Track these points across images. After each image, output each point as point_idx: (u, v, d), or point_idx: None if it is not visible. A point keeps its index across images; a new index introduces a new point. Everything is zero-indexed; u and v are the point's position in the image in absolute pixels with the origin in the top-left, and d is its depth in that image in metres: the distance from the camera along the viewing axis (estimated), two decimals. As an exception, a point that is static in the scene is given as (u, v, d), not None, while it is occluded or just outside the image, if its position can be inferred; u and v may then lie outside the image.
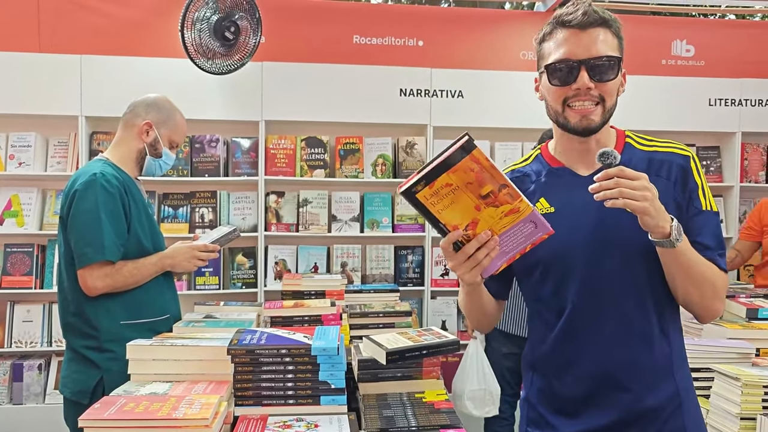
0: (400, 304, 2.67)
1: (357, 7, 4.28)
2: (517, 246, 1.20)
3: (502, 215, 1.16)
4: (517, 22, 4.31)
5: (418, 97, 3.88)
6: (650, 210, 1.15)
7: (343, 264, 3.91)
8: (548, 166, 1.42)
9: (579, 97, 1.28)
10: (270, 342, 1.46)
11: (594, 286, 1.32)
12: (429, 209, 1.15)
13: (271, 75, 3.80)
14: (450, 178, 1.12)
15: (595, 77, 1.27)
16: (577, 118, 1.30)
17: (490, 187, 1.14)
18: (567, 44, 1.28)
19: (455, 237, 1.17)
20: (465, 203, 1.15)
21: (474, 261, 1.19)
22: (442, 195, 1.14)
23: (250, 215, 3.89)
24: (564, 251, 1.34)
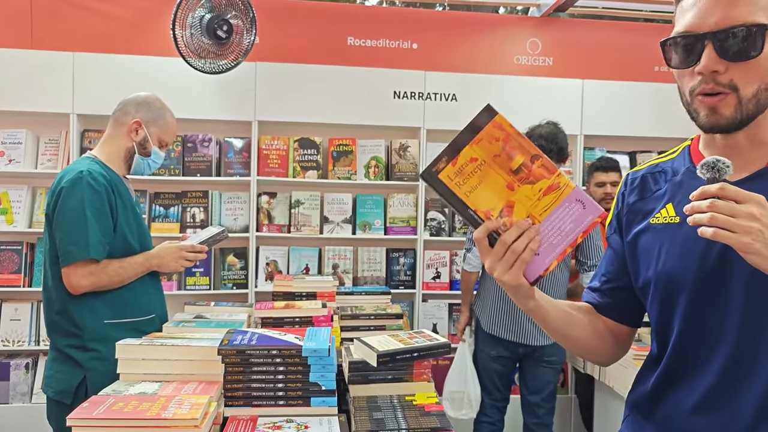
0: (392, 307, 2.67)
1: (352, 9, 4.28)
2: (566, 235, 1.00)
3: (541, 194, 0.99)
4: (512, 26, 4.33)
5: (411, 99, 3.89)
6: (754, 247, 0.85)
7: (335, 266, 3.90)
8: (690, 163, 1.09)
9: (704, 86, 0.96)
10: (261, 342, 1.45)
11: (704, 328, 1.02)
12: (455, 192, 0.99)
13: (264, 75, 3.79)
14: (474, 151, 0.99)
15: (725, 55, 0.94)
16: (704, 110, 0.98)
17: (521, 158, 0.98)
18: (694, 8, 0.96)
19: (493, 226, 0.98)
20: (495, 181, 0.99)
21: (513, 254, 0.96)
22: (468, 173, 0.99)
23: (241, 216, 3.88)
24: (673, 275, 1.04)
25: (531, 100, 3.86)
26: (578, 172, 3.97)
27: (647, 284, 1.10)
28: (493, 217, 0.98)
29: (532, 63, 4.23)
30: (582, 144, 3.99)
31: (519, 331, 2.95)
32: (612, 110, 3.96)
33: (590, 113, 3.95)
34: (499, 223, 0.98)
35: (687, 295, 1.03)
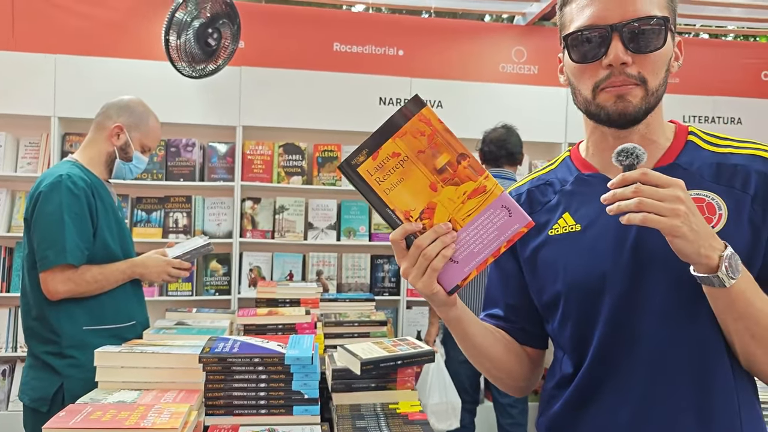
0: (376, 314, 2.66)
1: (338, 15, 4.27)
2: (489, 243, 0.92)
3: (465, 197, 0.91)
4: (497, 34, 4.35)
5: (397, 106, 3.88)
6: (682, 230, 0.82)
7: (319, 272, 3.88)
8: (577, 171, 1.08)
9: (613, 78, 0.95)
10: (243, 350, 1.43)
11: (625, 335, 0.97)
12: (373, 188, 0.91)
13: (249, 80, 3.77)
14: (397, 145, 0.91)
15: (633, 47, 0.93)
16: (611, 99, 0.95)
17: (446, 156, 0.91)
18: (594, 4, 0.95)
19: (411, 229, 0.91)
20: (418, 180, 0.91)
21: (425, 259, 0.89)
22: (389, 169, 0.91)
23: (225, 221, 3.85)
24: (586, 284, 0.99)
25: (516, 107, 3.88)
26: (562, 179, 3.98)
27: (556, 298, 1.04)
28: (412, 218, 0.91)
29: (518, 71, 4.25)
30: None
31: None
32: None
33: (575, 122, 3.97)
34: (417, 226, 0.91)
35: (605, 302, 0.98)
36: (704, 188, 0.97)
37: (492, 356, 1.09)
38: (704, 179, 0.98)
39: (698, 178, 0.98)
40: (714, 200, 0.96)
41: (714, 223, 0.94)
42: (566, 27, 1.01)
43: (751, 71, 4.51)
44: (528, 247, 1.09)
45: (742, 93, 4.31)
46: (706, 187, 0.97)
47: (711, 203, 0.96)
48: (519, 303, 1.13)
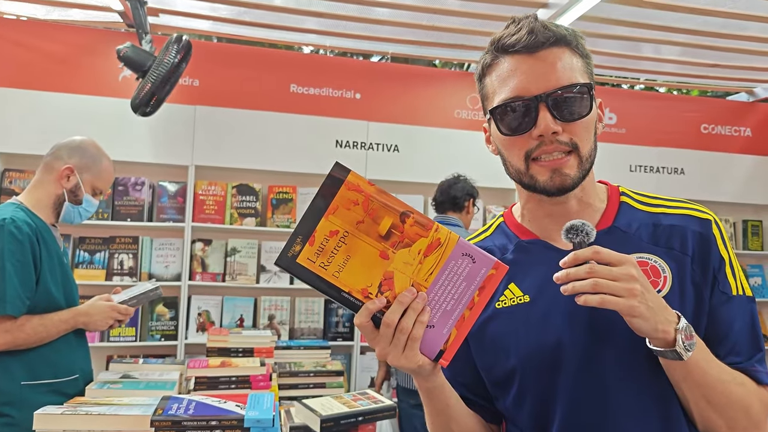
0: (332, 363, 2.59)
1: (295, 57, 4.27)
2: (460, 297, 0.85)
3: (421, 256, 0.84)
4: (452, 80, 4.42)
5: (354, 149, 3.88)
6: (640, 309, 0.82)
7: (271, 317, 3.77)
8: (516, 238, 1.05)
9: (544, 147, 0.93)
10: (199, 412, 1.34)
11: (586, 406, 0.94)
12: (320, 275, 0.83)
13: (203, 119, 3.70)
14: (332, 222, 0.83)
15: (561, 116, 0.92)
16: (546, 174, 0.94)
17: (388, 219, 0.83)
18: (516, 76, 0.94)
19: (375, 307, 0.82)
20: (366, 253, 0.83)
21: (402, 334, 0.82)
22: (330, 250, 0.83)
23: (173, 263, 3.71)
24: (543, 357, 0.95)
25: (471, 153, 3.91)
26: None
27: (510, 374, 0.99)
28: (372, 295, 0.83)
29: (472, 117, 4.33)
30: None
31: None
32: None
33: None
34: (381, 302, 0.82)
35: (564, 375, 0.94)
36: (645, 251, 0.96)
37: (468, 428, 1.01)
38: (643, 241, 0.97)
39: (637, 240, 0.97)
40: (657, 263, 0.95)
41: (660, 287, 0.94)
42: (489, 99, 0.99)
43: (692, 124, 4.73)
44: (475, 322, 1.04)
45: (684, 145, 4.49)
46: (647, 250, 0.96)
47: (655, 266, 0.95)
48: (471, 380, 1.07)
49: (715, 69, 4.34)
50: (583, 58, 0.97)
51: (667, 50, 4.00)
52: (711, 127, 4.76)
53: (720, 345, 0.94)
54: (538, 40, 0.93)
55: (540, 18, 0.97)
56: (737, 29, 3.59)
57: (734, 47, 3.87)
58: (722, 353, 0.94)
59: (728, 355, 0.94)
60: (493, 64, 0.98)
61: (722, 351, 0.94)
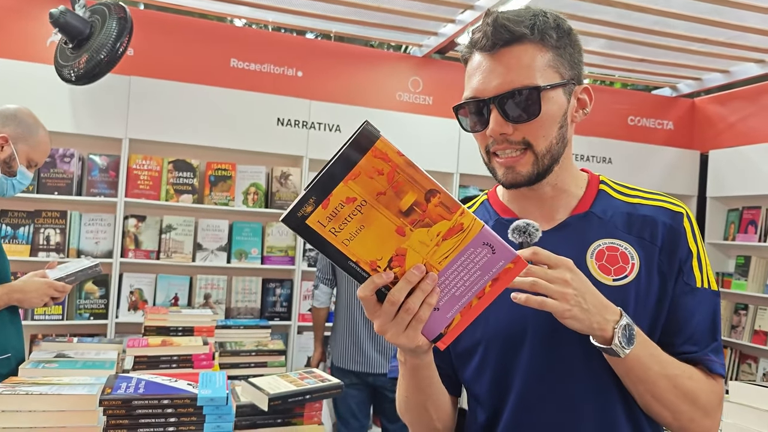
0: (273, 342, 2.58)
1: (236, 31, 4.17)
2: (471, 285, 0.81)
3: (439, 239, 0.79)
4: (395, 63, 4.43)
5: (295, 127, 3.83)
6: (572, 312, 0.86)
7: (207, 296, 3.70)
8: (496, 215, 1.08)
9: (497, 145, 0.98)
10: (150, 391, 1.32)
11: (544, 383, 0.97)
12: (329, 240, 0.78)
13: (138, 91, 3.55)
14: (351, 188, 0.76)
15: (511, 118, 0.95)
16: (502, 169, 0.99)
17: (412, 195, 0.77)
18: (476, 75, 0.98)
19: (381, 281, 0.78)
20: (382, 226, 0.78)
21: (407, 314, 0.79)
22: (344, 216, 0.77)
23: (104, 239, 3.57)
24: (507, 332, 0.99)
25: (411, 136, 3.96)
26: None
27: (474, 347, 1.02)
28: (380, 268, 0.79)
29: (413, 101, 4.36)
30: (458, 182, 4.15)
31: (366, 362, 2.97)
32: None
33: (466, 153, 4.13)
34: (388, 276, 0.79)
35: (525, 352, 0.98)
36: (618, 237, 1.00)
37: (439, 403, 1.03)
38: (617, 228, 1.01)
39: (612, 227, 1.01)
40: (627, 250, 0.99)
41: (627, 272, 0.98)
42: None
43: (620, 115, 4.94)
44: None
45: (612, 135, 4.69)
46: (620, 237, 1.00)
47: (624, 252, 0.99)
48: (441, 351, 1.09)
49: (642, 63, 4.55)
50: (555, 50, 0.97)
51: (596, 43, 4.15)
52: (637, 119, 4.99)
53: (677, 334, 0.98)
54: (498, 39, 0.95)
55: (508, 9, 0.98)
56: (665, 26, 3.77)
57: (661, 43, 4.06)
58: (678, 342, 0.97)
59: (684, 345, 0.97)
60: (468, 58, 1.01)
61: (679, 340, 0.97)
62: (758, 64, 4.42)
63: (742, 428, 1.72)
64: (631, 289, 0.96)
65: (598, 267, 0.98)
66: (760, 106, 4.60)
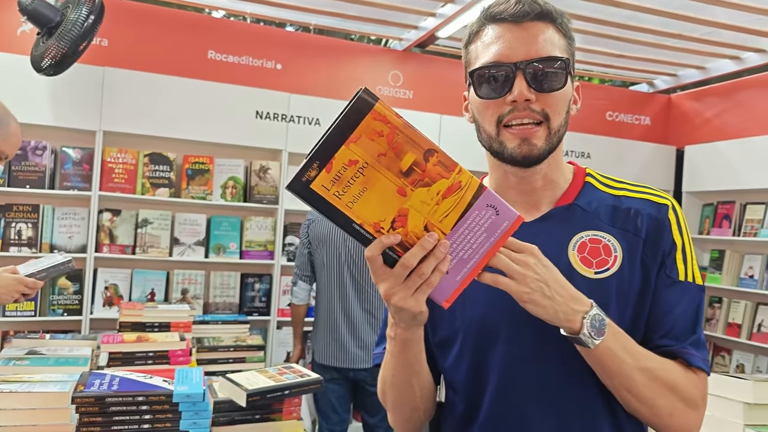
0: (252, 338, 2.55)
1: (214, 22, 4.11)
2: (479, 247, 0.83)
3: (440, 198, 0.81)
4: (375, 57, 4.41)
5: (274, 121, 3.79)
6: (532, 296, 0.85)
7: (184, 291, 3.66)
8: None
9: (517, 113, 0.95)
10: (124, 388, 1.29)
11: (519, 370, 0.97)
12: (334, 204, 0.80)
13: (113, 82, 3.48)
14: (353, 151, 0.79)
15: (536, 86, 0.94)
16: (515, 141, 0.96)
17: (411, 156, 0.80)
18: (499, 42, 0.96)
19: (389, 242, 0.81)
20: (383, 187, 0.80)
21: (419, 278, 0.81)
22: (347, 179, 0.80)
23: (78, 234, 3.50)
24: (484, 323, 0.99)
25: (391, 130, 3.94)
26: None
27: (453, 335, 1.01)
28: (384, 229, 0.81)
29: (394, 95, 4.34)
30: (437, 176, 4.15)
31: (346, 357, 2.95)
32: (467, 146, 4.16)
33: (446, 147, 4.09)
34: (395, 238, 0.81)
35: (503, 340, 0.97)
36: (601, 229, 1.00)
37: (422, 382, 1.02)
38: (601, 221, 1.00)
39: (596, 219, 1.00)
40: (610, 242, 0.99)
41: (610, 265, 0.97)
42: (471, 64, 1.01)
43: (598, 111, 4.98)
44: None
45: (590, 130, 4.72)
46: (603, 229, 1.00)
47: (607, 245, 0.98)
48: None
49: (620, 59, 4.58)
50: (566, 38, 0.99)
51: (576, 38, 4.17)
52: (615, 114, 5.04)
53: (656, 327, 0.97)
54: (524, 11, 0.96)
55: None
56: (641, 22, 3.80)
57: (637, 39, 4.09)
58: (657, 336, 0.97)
59: (663, 338, 0.96)
60: (480, 31, 1.00)
61: (657, 334, 0.97)
62: (733, 61, 4.48)
63: (716, 419, 1.74)
64: (613, 282, 0.96)
65: (579, 259, 0.97)
66: (735, 103, 4.67)
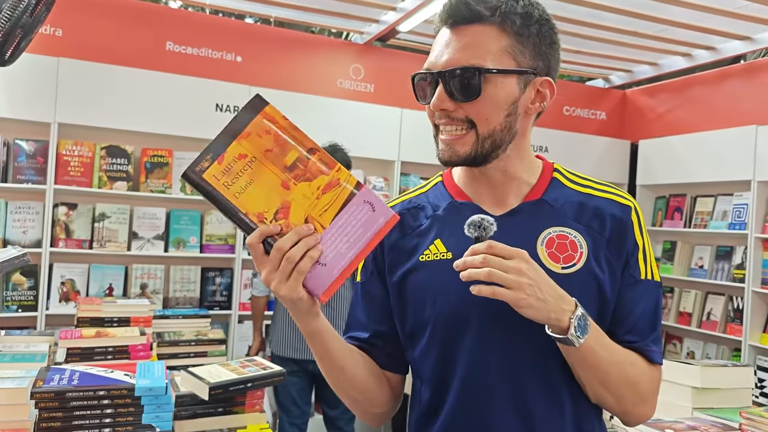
0: (213, 332, 2.54)
1: (172, 13, 4.05)
2: (355, 241, 0.89)
3: (320, 192, 0.89)
4: (336, 50, 4.41)
5: (235, 113, 3.75)
6: (528, 301, 0.88)
7: (143, 285, 3.61)
8: (450, 198, 1.08)
9: (440, 120, 0.99)
10: (84, 382, 1.28)
11: (486, 363, 0.98)
12: (222, 193, 0.87)
13: (68, 73, 3.40)
14: (243, 146, 0.87)
15: (454, 95, 0.96)
16: (442, 145, 1.01)
17: (295, 153, 0.88)
18: (434, 48, 1.00)
19: (268, 231, 0.87)
20: (269, 180, 0.88)
21: (289, 263, 0.85)
22: (236, 172, 0.87)
23: (32, 228, 3.42)
24: (453, 314, 1.00)
25: (352, 123, 3.96)
26: (395, 194, 4.14)
27: (422, 325, 1.02)
28: (267, 220, 0.88)
29: (355, 88, 4.35)
30: (399, 169, 4.18)
31: (305, 348, 2.95)
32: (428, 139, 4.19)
33: (407, 141, 4.16)
34: (275, 228, 0.87)
35: (471, 333, 0.98)
36: (568, 226, 1.01)
37: (353, 377, 1.04)
38: (568, 217, 1.02)
39: (563, 215, 1.02)
40: (576, 238, 1.01)
41: (576, 260, 0.99)
42: None
43: (556, 105, 5.08)
44: (397, 271, 1.06)
45: (548, 124, 4.81)
46: (570, 225, 1.01)
47: (574, 241, 1.00)
48: (386, 329, 1.09)
49: (577, 55, 4.68)
50: (516, 36, 0.97)
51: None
52: (572, 109, 5.15)
53: (621, 324, 1.01)
54: (457, 15, 0.96)
55: None
56: (598, 19, 3.89)
57: (594, 36, 4.19)
58: (622, 332, 1.01)
59: (627, 334, 1.01)
60: (438, 30, 1.02)
61: (622, 330, 1.01)
62: (685, 58, 4.63)
63: (667, 403, 1.82)
64: (579, 277, 0.98)
65: (547, 255, 0.99)
66: (686, 99, 4.83)
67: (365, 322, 1.11)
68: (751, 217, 3.93)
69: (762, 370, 3.84)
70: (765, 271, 3.90)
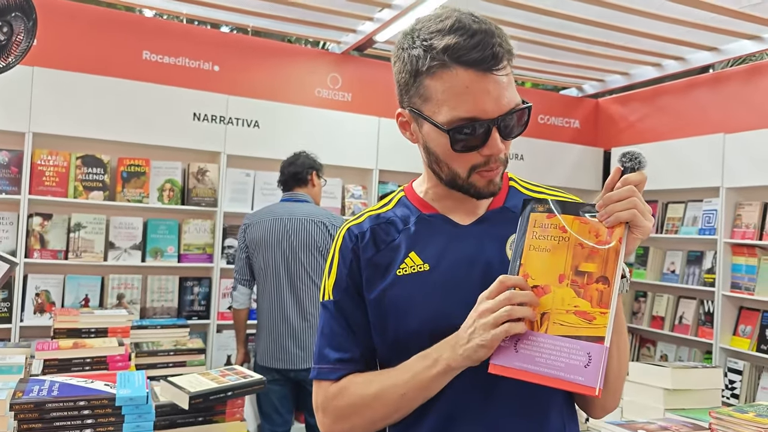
0: (192, 341, 2.54)
1: (148, 22, 4.04)
2: (549, 366, 0.87)
3: (573, 309, 0.89)
4: (314, 59, 4.43)
5: (212, 123, 3.76)
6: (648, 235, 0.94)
7: (120, 296, 3.58)
8: (418, 211, 1.10)
9: (491, 164, 0.99)
10: (64, 393, 1.28)
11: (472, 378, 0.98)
12: (526, 234, 0.95)
13: (43, 82, 3.38)
14: (573, 224, 0.92)
15: (506, 135, 0.98)
16: (483, 182, 1.01)
17: (593, 267, 0.90)
18: (472, 95, 0.94)
19: (523, 285, 0.91)
20: (556, 263, 0.91)
21: (506, 314, 0.88)
22: (548, 234, 0.93)
23: (7, 239, 3.37)
24: (436, 323, 1.00)
25: (330, 132, 3.98)
26: (373, 202, 4.17)
27: (409, 336, 1.02)
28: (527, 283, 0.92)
29: (332, 97, 4.37)
30: (377, 178, 4.21)
31: (287, 357, 2.95)
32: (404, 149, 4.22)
33: (385, 149, 4.19)
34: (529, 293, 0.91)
35: None
36: None
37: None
38: None
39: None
40: None
41: None
42: (432, 104, 0.98)
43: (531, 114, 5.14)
44: (376, 288, 1.06)
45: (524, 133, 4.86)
46: None
47: None
48: (370, 344, 1.09)
49: (551, 65, 4.77)
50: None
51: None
52: (547, 117, 5.23)
53: None
54: (498, 59, 0.94)
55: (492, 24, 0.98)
56: (571, 30, 3.97)
57: (567, 46, 4.28)
58: None
59: None
60: (442, 71, 0.95)
61: None
62: (655, 68, 4.74)
63: (639, 404, 1.86)
64: None
65: None
66: (656, 107, 4.94)
67: (353, 346, 1.09)
68: (720, 222, 4.03)
69: (732, 371, 3.93)
70: (734, 275, 4.00)
